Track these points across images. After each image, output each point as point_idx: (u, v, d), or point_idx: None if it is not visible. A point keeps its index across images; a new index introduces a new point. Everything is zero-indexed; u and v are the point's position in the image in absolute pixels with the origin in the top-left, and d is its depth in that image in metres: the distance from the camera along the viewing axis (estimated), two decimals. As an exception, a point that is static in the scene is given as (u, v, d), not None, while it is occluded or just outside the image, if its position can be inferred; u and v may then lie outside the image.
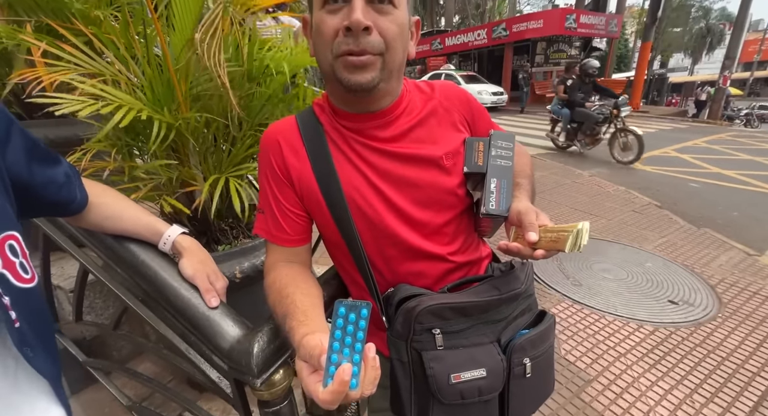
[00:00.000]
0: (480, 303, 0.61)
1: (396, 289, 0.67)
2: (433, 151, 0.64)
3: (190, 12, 0.88)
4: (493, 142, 0.67)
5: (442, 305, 0.60)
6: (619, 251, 2.79)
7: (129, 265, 0.71)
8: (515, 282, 0.66)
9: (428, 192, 0.65)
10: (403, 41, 0.57)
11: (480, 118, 0.72)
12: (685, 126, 9.97)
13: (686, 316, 2.04)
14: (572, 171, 4.97)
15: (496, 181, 0.64)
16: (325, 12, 0.53)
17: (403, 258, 0.67)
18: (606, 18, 14.19)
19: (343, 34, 0.52)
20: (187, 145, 1.01)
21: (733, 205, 3.84)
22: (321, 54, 0.56)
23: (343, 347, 0.39)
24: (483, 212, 0.63)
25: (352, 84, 0.55)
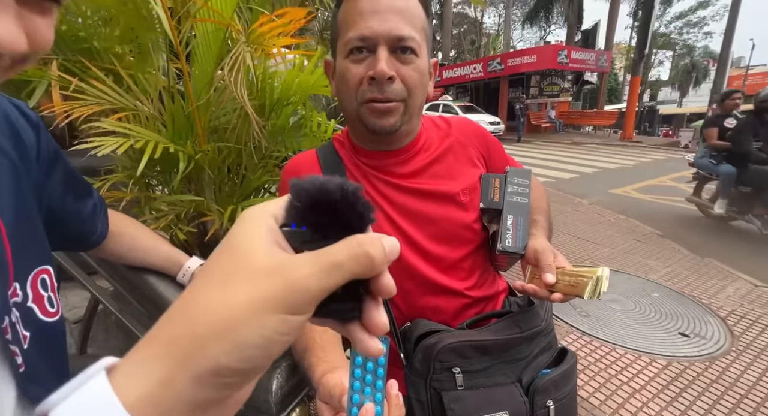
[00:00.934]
0: (501, 341, 0.60)
1: (414, 325, 0.66)
2: (450, 186, 0.66)
3: (211, 51, 0.94)
4: (509, 178, 0.69)
5: (463, 343, 0.59)
6: (625, 281, 2.76)
7: (144, 296, 0.70)
8: (536, 320, 0.65)
9: (445, 227, 0.66)
10: (423, 86, 0.60)
11: (495, 152, 0.75)
12: (679, 156, 10.20)
13: (699, 350, 1.99)
14: (572, 199, 5.01)
15: (512, 218, 0.65)
16: (350, 61, 0.56)
17: (420, 292, 0.67)
18: (596, 54, 14.93)
19: (367, 83, 0.55)
20: (203, 176, 1.03)
21: (736, 235, 3.85)
22: (346, 99, 0.60)
23: (364, 386, 0.38)
24: (499, 249, 0.64)
25: (377, 128, 0.58)
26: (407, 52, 0.56)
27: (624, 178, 6.68)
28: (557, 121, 14.69)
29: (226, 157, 1.06)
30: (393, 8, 0.54)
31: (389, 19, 0.53)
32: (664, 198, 5.37)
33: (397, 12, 0.54)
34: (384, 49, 0.54)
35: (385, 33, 0.53)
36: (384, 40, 0.54)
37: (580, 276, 0.53)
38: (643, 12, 12.88)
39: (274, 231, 0.19)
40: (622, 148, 11.40)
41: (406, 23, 0.55)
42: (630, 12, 19.12)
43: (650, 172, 7.41)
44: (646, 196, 5.47)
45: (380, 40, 0.54)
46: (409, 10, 0.55)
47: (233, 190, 1.13)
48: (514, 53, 15.39)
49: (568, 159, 8.98)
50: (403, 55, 0.55)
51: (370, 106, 0.57)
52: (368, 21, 0.53)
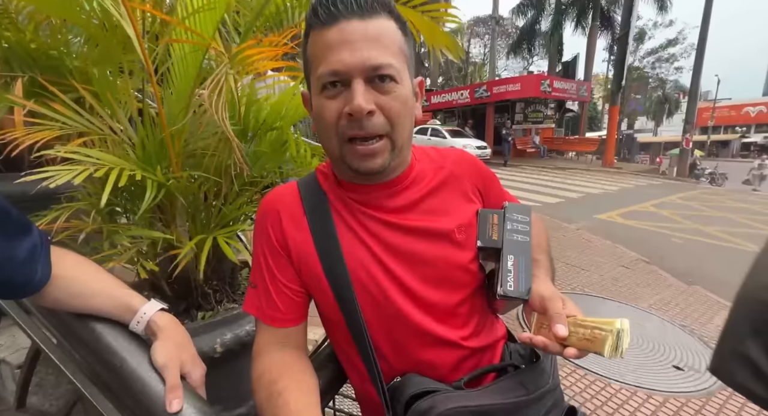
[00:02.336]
0: (507, 405, 0.53)
1: (404, 381, 0.58)
2: (444, 223, 0.60)
3: (188, 72, 0.89)
4: (508, 214, 0.63)
5: (462, 409, 0.51)
6: (616, 309, 2.72)
7: (89, 349, 0.60)
8: (543, 377, 0.58)
9: (440, 268, 0.59)
10: (408, 114, 0.55)
11: (492, 186, 0.70)
12: (659, 182, 10.58)
13: (696, 384, 1.93)
14: (559, 224, 5.05)
15: (513, 259, 0.59)
16: (324, 97, 0.51)
17: (412, 343, 0.59)
18: (576, 84, 15.69)
19: (346, 119, 0.50)
20: (176, 204, 0.95)
21: (718, 262, 3.91)
22: (325, 137, 0.54)
23: None
24: (500, 293, 0.58)
25: (363, 171, 0.53)
26: (386, 80, 0.50)
27: (608, 204, 6.82)
28: (542, 147, 15.16)
29: (202, 184, 0.98)
30: (364, 35, 0.48)
31: (361, 47, 0.48)
32: (647, 223, 5.48)
33: (369, 40, 0.48)
34: (359, 81, 0.48)
35: (358, 64, 0.48)
36: (358, 72, 0.48)
37: (596, 328, 0.46)
38: (619, 47, 13.72)
39: None
40: (604, 174, 11.75)
41: (381, 50, 0.49)
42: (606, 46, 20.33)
43: (632, 197, 7.61)
44: (630, 222, 5.57)
45: (354, 72, 0.48)
46: (382, 36, 0.50)
47: (209, 219, 1.05)
48: (500, 81, 16.05)
49: (553, 183, 9.18)
50: (382, 83, 0.50)
51: (353, 148, 0.52)
52: (339, 53, 0.48)
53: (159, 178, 0.80)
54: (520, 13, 18.92)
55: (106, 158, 0.75)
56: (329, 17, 0.49)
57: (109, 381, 0.63)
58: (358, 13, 0.48)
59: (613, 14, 16.80)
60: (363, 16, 0.49)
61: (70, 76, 0.99)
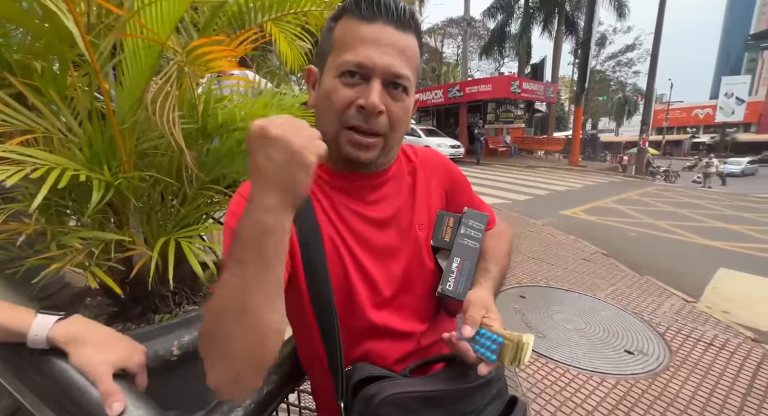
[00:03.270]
0: (451, 392, 0.55)
1: (354, 369, 0.60)
2: (410, 219, 0.64)
3: (141, 69, 0.86)
4: (464, 219, 0.67)
5: (407, 394, 0.53)
6: (576, 300, 2.88)
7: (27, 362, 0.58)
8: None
9: (403, 262, 0.63)
10: (406, 123, 0.59)
11: (460, 189, 0.73)
12: (619, 180, 11.21)
13: (643, 367, 2.08)
14: (527, 221, 5.26)
15: (458, 262, 0.63)
16: (340, 82, 0.54)
17: (366, 333, 0.61)
18: (544, 86, 16.32)
19: (355, 109, 0.53)
20: (128, 205, 0.92)
21: (667, 254, 4.22)
22: (326, 118, 0.56)
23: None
24: (439, 291, 0.61)
25: (353, 159, 0.56)
26: (399, 88, 0.55)
27: (572, 200, 7.17)
28: (512, 146, 15.66)
29: (157, 184, 0.96)
30: (395, 44, 0.53)
31: (390, 53, 0.53)
32: (607, 219, 5.81)
33: (398, 49, 0.53)
34: (378, 81, 0.53)
35: (383, 67, 0.52)
36: (380, 73, 0.53)
37: (505, 337, 0.50)
38: (582, 51, 14.39)
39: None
40: (569, 172, 12.32)
41: (404, 62, 0.54)
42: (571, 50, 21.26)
43: (594, 194, 8.04)
44: (592, 217, 5.88)
45: (377, 72, 0.53)
46: (409, 50, 0.55)
47: (165, 221, 1.02)
48: (472, 82, 16.42)
49: (523, 181, 9.52)
50: (395, 90, 0.55)
51: (352, 136, 0.55)
52: (369, 49, 0.52)
53: (107, 178, 0.78)
54: (490, 15, 19.41)
55: (47, 157, 0.72)
56: (370, 14, 0.52)
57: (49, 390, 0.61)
58: (395, 24, 0.53)
59: (576, 19, 17.61)
60: (398, 27, 0.54)
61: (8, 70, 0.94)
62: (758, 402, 1.81)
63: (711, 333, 2.42)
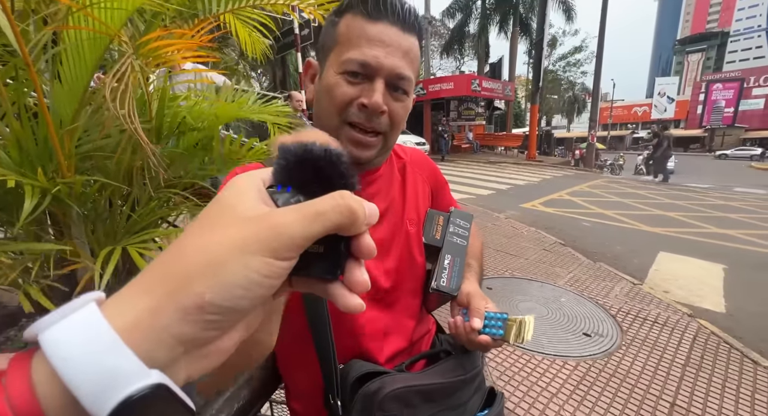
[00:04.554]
0: (447, 384, 0.57)
1: (348, 367, 0.58)
2: (402, 215, 0.66)
3: (85, 63, 0.78)
4: (452, 219, 0.69)
5: (408, 388, 0.54)
6: (538, 288, 3.04)
7: None
8: (476, 360, 0.63)
9: (396, 256, 0.63)
10: (404, 123, 0.60)
11: (442, 190, 0.76)
12: (572, 173, 11.98)
13: (600, 347, 2.25)
14: (491, 214, 5.46)
15: (450, 258, 0.64)
16: (343, 79, 0.53)
17: (360, 331, 0.60)
18: (502, 84, 17.02)
19: (357, 107, 0.53)
20: (69, 214, 0.83)
21: (616, 241, 4.57)
22: (326, 113, 0.56)
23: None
24: (433, 287, 0.62)
25: (353, 157, 0.56)
26: (399, 90, 0.56)
27: (531, 194, 7.55)
28: (475, 142, 16.21)
29: (103, 189, 0.87)
30: (400, 46, 0.54)
31: (395, 54, 0.53)
32: (563, 210, 6.18)
33: (402, 50, 0.54)
34: (381, 82, 0.53)
35: (388, 67, 0.53)
36: (384, 74, 0.53)
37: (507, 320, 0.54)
38: (535, 52, 15.17)
39: (261, 192, 0.21)
40: (528, 167, 12.97)
41: (408, 63, 0.55)
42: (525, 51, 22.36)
43: (551, 187, 8.53)
44: (549, 209, 6.23)
45: (381, 72, 0.53)
46: (412, 52, 0.56)
47: (114, 228, 0.93)
48: (434, 80, 16.73)
49: (486, 176, 9.88)
50: (395, 92, 0.56)
51: (353, 134, 0.55)
52: (375, 49, 0.52)
53: (42, 183, 0.69)
54: (449, 15, 19.85)
55: (-35, 162, 0.63)
56: (376, 13, 0.53)
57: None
58: (400, 25, 0.54)
59: (530, 21, 18.49)
60: (403, 28, 0.54)
61: None
62: (695, 372, 2.02)
63: (655, 312, 2.66)
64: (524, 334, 0.51)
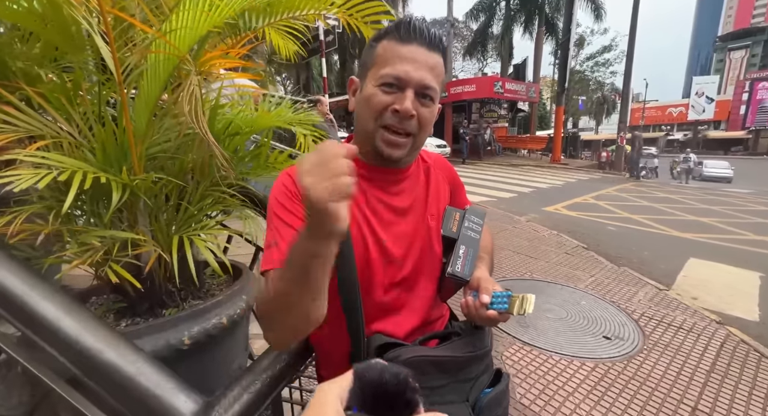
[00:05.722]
0: (459, 358, 0.65)
1: (372, 338, 0.68)
2: (424, 210, 0.75)
3: (159, 79, 0.92)
4: (467, 215, 0.79)
5: (423, 357, 0.63)
6: (558, 291, 3.04)
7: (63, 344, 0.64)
8: (486, 340, 0.71)
9: (418, 246, 0.73)
10: (431, 126, 0.70)
11: (459, 191, 0.86)
12: (599, 176, 11.62)
13: (619, 350, 2.24)
14: (511, 217, 5.44)
15: (464, 248, 0.73)
16: (380, 90, 0.64)
17: (384, 309, 0.70)
18: (526, 86, 16.73)
19: (391, 112, 0.64)
20: (137, 205, 0.98)
21: (643, 246, 4.45)
22: (365, 118, 0.67)
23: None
24: (449, 272, 0.71)
25: (386, 156, 0.67)
26: (427, 98, 0.66)
27: (555, 197, 7.42)
28: (497, 145, 16.00)
29: (163, 186, 1.02)
30: (426, 62, 0.65)
31: (422, 69, 0.64)
32: (588, 214, 6.05)
33: (428, 66, 0.65)
34: (411, 91, 0.64)
35: (416, 80, 0.63)
36: (413, 85, 0.64)
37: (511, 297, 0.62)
38: (561, 52, 14.83)
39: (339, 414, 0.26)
40: (552, 170, 12.69)
41: (434, 77, 0.65)
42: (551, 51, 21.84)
43: (575, 190, 8.33)
44: (573, 213, 6.12)
45: (411, 83, 0.63)
46: (437, 67, 0.66)
47: (171, 220, 1.08)
48: (457, 82, 16.68)
49: (507, 179, 9.77)
50: (424, 99, 0.66)
51: (387, 136, 0.65)
52: (405, 65, 0.63)
53: (125, 180, 0.84)
54: (473, 16, 19.73)
55: (69, 162, 0.77)
56: (407, 37, 0.64)
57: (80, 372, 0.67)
58: (426, 46, 0.65)
59: (556, 21, 18.08)
60: (429, 48, 0.65)
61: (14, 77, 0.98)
62: (720, 378, 1.98)
63: (680, 317, 2.60)
64: (526, 307, 0.59)
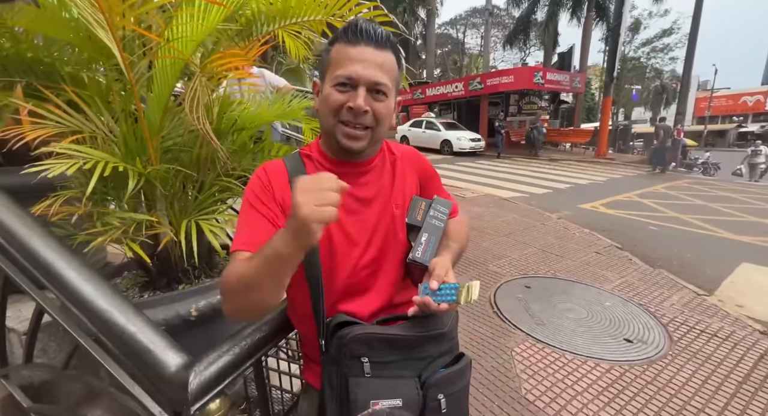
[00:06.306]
0: (405, 337, 0.70)
1: (333, 318, 0.75)
2: (389, 199, 0.80)
3: (167, 81, 1.05)
4: (433, 205, 0.83)
5: (371, 334, 0.69)
6: (581, 291, 2.92)
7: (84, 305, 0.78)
8: (438, 324, 0.74)
9: (382, 233, 0.78)
10: (388, 119, 0.75)
11: (431, 182, 0.90)
12: (647, 172, 10.73)
13: (639, 354, 2.13)
14: (541, 213, 5.23)
15: (426, 236, 0.78)
16: (335, 90, 0.71)
17: (349, 292, 0.76)
18: (570, 76, 15.73)
19: (346, 110, 0.70)
20: (155, 193, 1.12)
21: (688, 247, 4.10)
22: (325, 116, 0.73)
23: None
24: (410, 257, 0.76)
25: (346, 148, 0.73)
26: (380, 93, 0.71)
27: (594, 194, 6.99)
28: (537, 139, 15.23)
29: (177, 175, 1.15)
30: (375, 60, 0.69)
31: (371, 67, 0.69)
32: (628, 212, 5.66)
33: (377, 63, 0.70)
34: (363, 89, 0.69)
35: (366, 77, 0.69)
36: (364, 82, 0.69)
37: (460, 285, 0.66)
38: (611, 39, 13.74)
39: None
40: (595, 165, 11.90)
41: (383, 73, 0.70)
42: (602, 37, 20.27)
43: (618, 187, 7.78)
44: (611, 211, 5.74)
45: (361, 81, 0.69)
46: (386, 64, 0.71)
47: (186, 205, 1.21)
48: (493, 73, 16.08)
49: (543, 175, 9.34)
50: (377, 95, 0.71)
51: (345, 129, 0.72)
52: (355, 66, 0.68)
53: (139, 169, 0.97)
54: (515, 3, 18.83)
55: (94, 153, 0.92)
56: (354, 39, 0.69)
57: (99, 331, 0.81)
58: (374, 45, 0.69)
59: (608, 4, 16.74)
60: (377, 47, 0.70)
61: (62, 80, 1.15)
62: (752, 390, 1.82)
63: (717, 325, 2.40)
64: (472, 294, 0.63)
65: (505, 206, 5.66)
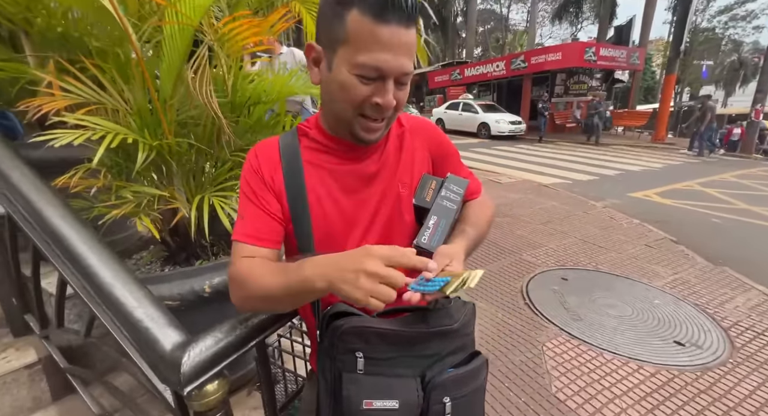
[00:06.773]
0: (405, 333, 0.61)
1: (332, 307, 0.69)
2: (395, 176, 0.71)
3: (177, 49, 1.01)
4: (446, 184, 0.72)
5: (366, 327, 0.61)
6: (626, 287, 2.66)
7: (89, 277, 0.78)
8: (447, 319, 0.65)
9: (384, 214, 0.69)
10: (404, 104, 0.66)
11: (448, 158, 0.78)
12: (715, 159, 9.59)
13: (692, 359, 1.90)
14: (584, 202, 4.84)
15: (435, 219, 0.68)
16: (357, 79, 0.58)
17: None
18: (627, 51, 14.22)
19: (372, 105, 0.60)
20: (171, 168, 1.10)
21: (757, 244, 3.60)
22: (341, 105, 0.62)
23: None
24: (414, 243, 0.66)
25: (365, 140, 0.64)
26: (405, 80, 0.62)
27: (647, 181, 6.36)
28: (583, 121, 14.11)
29: (191, 149, 1.13)
30: (405, 44, 0.57)
31: (400, 55, 0.57)
32: (687, 202, 5.09)
33: (406, 48, 0.58)
34: (392, 81, 0.59)
35: (396, 69, 0.58)
36: (393, 74, 0.58)
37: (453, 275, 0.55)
38: (681, 6, 12.13)
39: None
40: (651, 150, 10.84)
41: (410, 58, 0.59)
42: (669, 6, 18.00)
43: (677, 175, 7.02)
44: (668, 200, 5.19)
45: (391, 74, 0.58)
46: (412, 46, 0.59)
47: (203, 181, 1.20)
48: (539, 51, 14.90)
49: (589, 160, 8.65)
50: (401, 84, 0.61)
51: (365, 121, 0.62)
52: (385, 54, 0.56)
53: (149, 141, 0.95)
54: (567, -28, 17.18)
55: (103, 123, 0.91)
56: (382, 15, 0.54)
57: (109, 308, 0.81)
58: (405, 24, 0.56)
59: (678, -33, 14.74)
60: (408, 26, 0.57)
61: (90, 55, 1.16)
62: (835, 412, 1.56)
63: (792, 333, 2.08)
64: (467, 285, 0.51)
65: (544, 193, 5.31)
